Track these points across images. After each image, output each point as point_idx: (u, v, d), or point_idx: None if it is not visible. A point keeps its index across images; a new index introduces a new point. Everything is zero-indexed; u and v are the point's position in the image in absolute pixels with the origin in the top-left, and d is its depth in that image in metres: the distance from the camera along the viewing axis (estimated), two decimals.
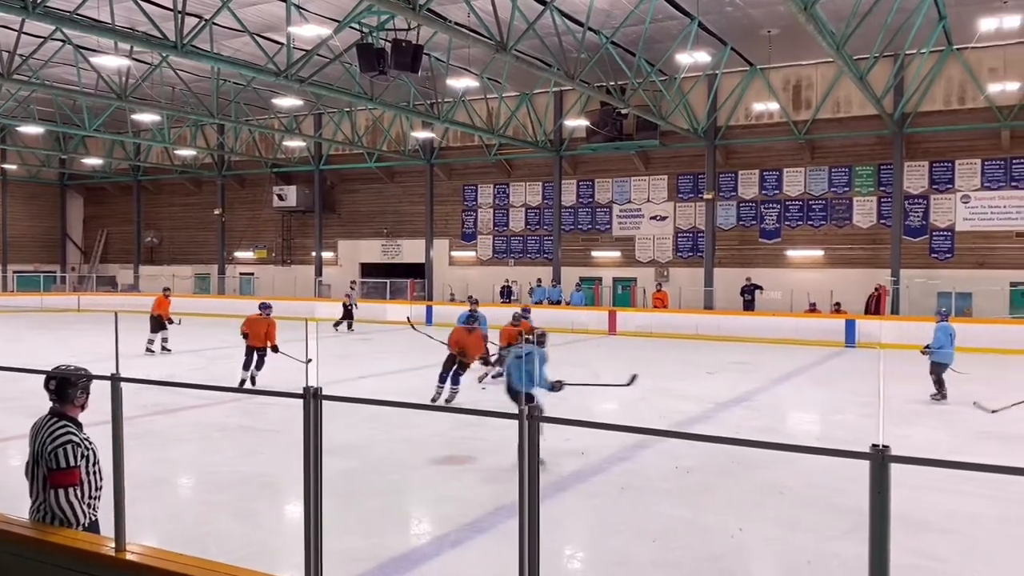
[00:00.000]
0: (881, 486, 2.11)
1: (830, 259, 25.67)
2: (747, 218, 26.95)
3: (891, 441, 2.16)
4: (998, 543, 6.16)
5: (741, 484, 7.68)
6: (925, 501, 6.90)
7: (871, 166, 25.04)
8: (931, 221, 24.32)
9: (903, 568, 5.41)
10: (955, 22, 20.75)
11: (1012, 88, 21.95)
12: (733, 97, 26.34)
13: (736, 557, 5.81)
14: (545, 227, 30.48)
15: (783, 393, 13.97)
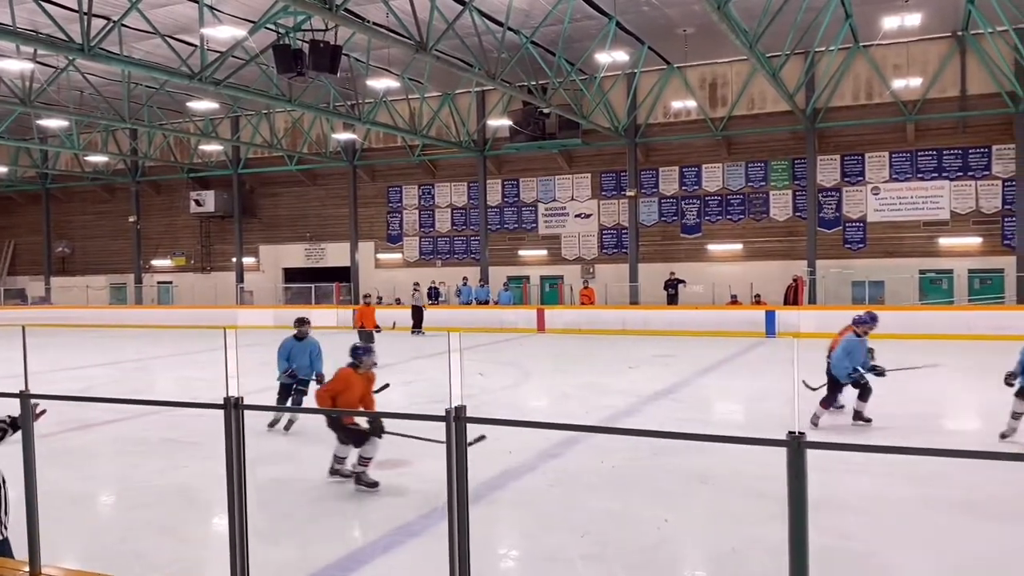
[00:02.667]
0: (798, 471, 2.18)
1: (749, 252, 26.36)
2: (669, 214, 27.46)
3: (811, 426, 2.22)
4: (912, 523, 6.41)
5: (668, 475, 7.82)
6: (846, 484, 7.15)
7: (786, 160, 25.81)
8: (844, 213, 25.21)
9: (824, 550, 5.59)
10: (861, 20, 21.54)
11: (915, 84, 22.92)
12: (652, 95, 26.80)
13: (664, 547, 5.91)
14: (471, 227, 30.48)
15: (708, 384, 14.27)
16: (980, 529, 6.19)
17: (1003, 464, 7.63)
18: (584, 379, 14.82)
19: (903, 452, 2.35)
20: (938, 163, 24.12)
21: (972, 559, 5.58)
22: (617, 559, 5.64)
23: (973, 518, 6.44)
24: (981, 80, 23.06)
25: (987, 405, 11.88)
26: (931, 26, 21.89)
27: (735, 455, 7.77)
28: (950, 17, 21.73)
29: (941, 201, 24.11)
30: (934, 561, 5.65)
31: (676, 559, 5.77)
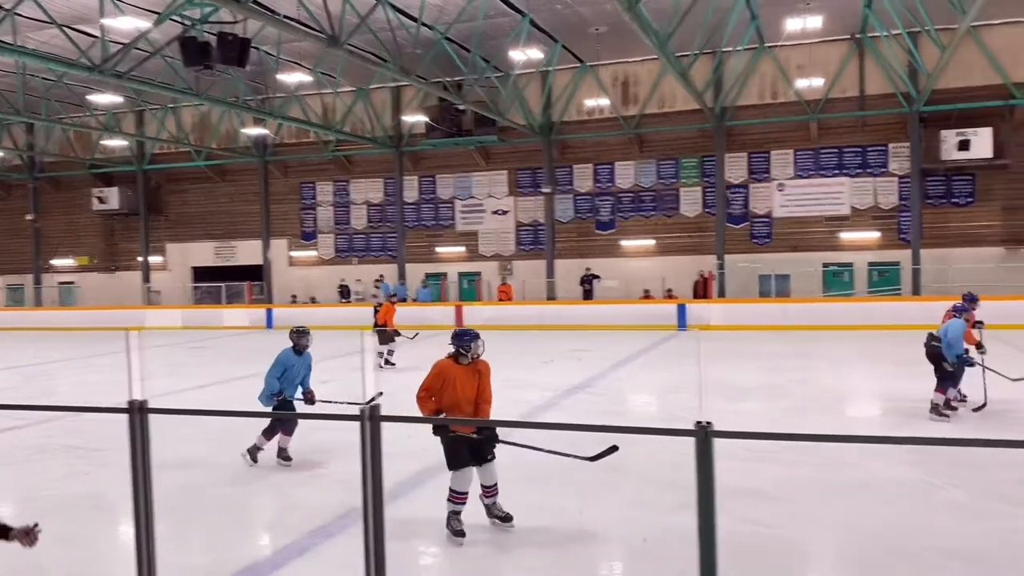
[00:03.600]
0: (705, 460, 2.24)
1: (661, 247, 26.92)
2: (584, 210, 27.80)
3: (724, 417, 2.29)
4: (820, 507, 6.67)
5: (584, 467, 7.91)
6: (758, 472, 7.39)
7: (695, 158, 26.45)
8: (751, 208, 26.00)
9: (738, 535, 5.77)
10: (766, 22, 22.23)
11: (817, 84, 23.84)
12: (566, 93, 27.08)
13: (580, 539, 5.99)
14: (388, 224, 30.21)
15: (622, 377, 14.52)
16: (880, 511, 6.48)
17: (901, 448, 8.02)
18: (502, 374, 14.84)
19: (809, 439, 2.44)
20: (839, 160, 25.12)
21: (871, 539, 5.84)
22: (535, 553, 5.69)
23: (873, 500, 6.74)
24: (878, 81, 24.11)
25: (886, 392, 12.47)
26: (832, 28, 22.75)
27: (649, 446, 7.94)
28: (849, 20, 22.63)
29: (842, 197, 25.11)
30: (840, 543, 5.89)
31: (592, 550, 5.86)
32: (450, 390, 6.08)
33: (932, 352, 10.09)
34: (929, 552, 5.51)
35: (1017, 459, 7.36)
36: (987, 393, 10.08)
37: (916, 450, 7.94)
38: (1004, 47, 22.80)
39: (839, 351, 17.20)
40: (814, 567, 5.51)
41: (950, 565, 5.27)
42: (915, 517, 6.29)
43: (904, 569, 5.28)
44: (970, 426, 9.44)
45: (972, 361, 9.84)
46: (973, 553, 5.45)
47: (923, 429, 9.36)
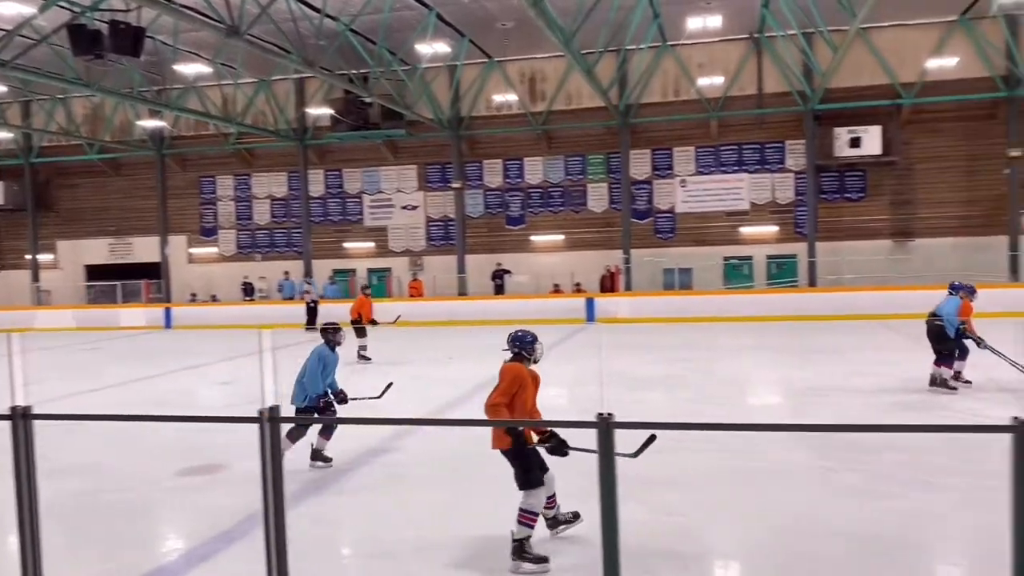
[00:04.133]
0: (607, 450, 2.27)
1: (570, 242, 27.24)
2: (494, 206, 27.86)
3: (628, 407, 2.31)
4: (723, 493, 6.85)
5: (497, 464, 7.93)
6: (664, 461, 7.54)
7: (602, 154, 26.85)
8: (655, 204, 26.57)
9: (646, 524, 5.88)
10: (668, 20, 22.72)
11: (717, 82, 24.54)
12: (474, 88, 27.06)
13: (496, 537, 6.00)
14: (293, 219, 29.58)
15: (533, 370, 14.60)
16: (780, 496, 6.72)
17: (798, 434, 8.34)
18: (413, 371, 14.78)
19: (703, 428, 2.49)
20: (739, 157, 25.92)
21: (772, 523, 6.05)
22: (450, 551, 5.67)
23: (773, 485, 6.97)
24: (775, 80, 24.97)
25: (784, 380, 12.94)
26: (731, 28, 23.43)
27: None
28: (747, 20, 23.35)
29: (741, 193, 25.93)
30: (743, 528, 6.07)
31: (505, 546, 5.87)
32: (522, 396, 5.59)
33: (933, 328, 10.94)
34: (827, 534, 5.74)
35: (904, 442, 7.75)
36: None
37: (813, 436, 8.27)
38: (892, 49, 23.95)
39: (740, 341, 17.76)
40: (719, 552, 5.67)
41: (847, 546, 5.49)
42: (813, 501, 6.54)
43: (804, 551, 5.48)
44: (857, 412, 9.88)
45: (968, 336, 10.72)
46: (868, 533, 5.70)
47: (818, 416, 9.75)
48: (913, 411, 9.70)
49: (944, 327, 10.72)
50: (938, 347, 10.88)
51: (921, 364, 13.38)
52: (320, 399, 7.90)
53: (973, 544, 5.52)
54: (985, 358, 11.07)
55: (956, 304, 10.86)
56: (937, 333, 10.85)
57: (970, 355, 11.00)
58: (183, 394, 13.23)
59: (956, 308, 10.80)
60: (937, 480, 6.83)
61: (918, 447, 7.61)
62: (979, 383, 11.12)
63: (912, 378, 12.01)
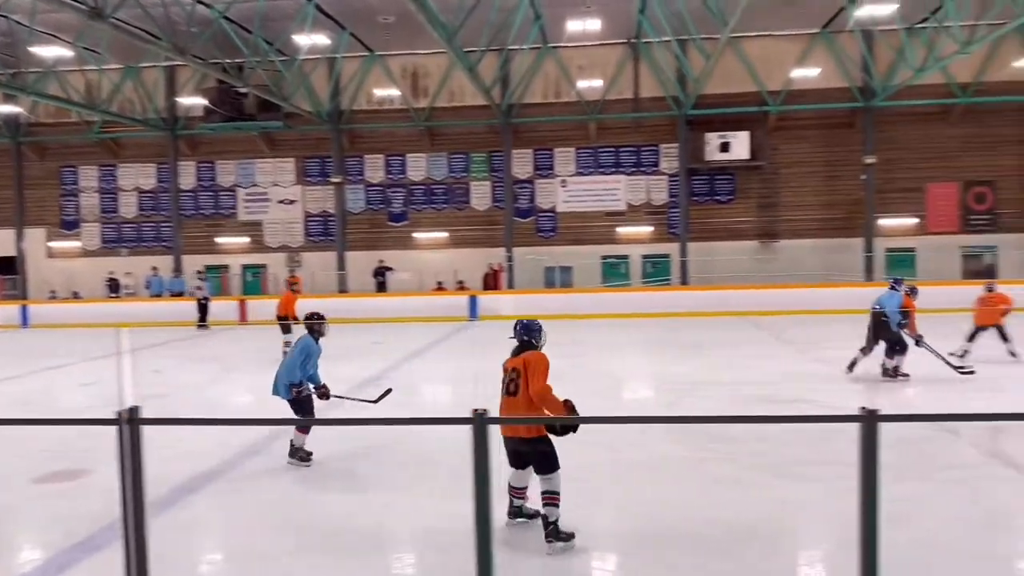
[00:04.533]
0: (481, 446, 2.27)
1: (453, 240, 27.23)
2: (375, 202, 27.52)
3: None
4: (603, 486, 7.00)
5: (383, 460, 7.84)
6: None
7: (484, 153, 26.97)
8: (537, 203, 26.91)
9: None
10: (549, 22, 23.04)
11: (596, 85, 25.08)
12: (355, 82, 26.65)
13: (377, 534, 5.92)
14: (162, 212, 28.31)
15: (416, 368, 14.52)
16: (658, 487, 6.92)
17: (674, 426, 8.63)
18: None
19: (585, 421, 2.53)
20: (616, 159, 26.58)
21: (650, 513, 6.22)
22: (325, 551, 5.56)
23: (652, 476, 7.18)
24: (651, 85, 25.74)
25: (660, 374, 13.35)
26: (609, 32, 23.98)
27: (440, 435, 7.98)
28: (625, 25, 23.95)
29: (619, 194, 26.61)
30: (623, 519, 6.22)
31: (383, 542, 5.81)
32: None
33: (876, 322, 11.43)
34: (700, 523, 5.95)
35: (771, 432, 8.14)
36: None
37: (688, 428, 8.56)
38: (760, 58, 25.11)
39: (618, 337, 18.21)
40: (595, 544, 5.78)
41: (716, 534, 5.71)
42: (688, 490, 6.77)
43: (678, 541, 5.66)
44: (728, 404, 10.30)
45: (906, 329, 11.30)
46: (739, 522, 5.94)
47: (693, 409, 10.10)
48: (778, 403, 10.19)
49: (888, 321, 11.28)
50: (881, 340, 11.45)
51: (785, 359, 14.10)
52: (293, 388, 7.61)
53: (834, 528, 5.84)
54: (850, 352, 11.78)
55: (898, 299, 11.42)
56: (879, 326, 11.43)
57: (879, 349, 11.57)
58: (42, 395, 12.44)
59: (898, 303, 11.36)
60: (799, 469, 7.19)
61: (784, 438, 8.01)
62: (834, 376, 11.81)
63: (777, 371, 12.64)
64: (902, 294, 11.57)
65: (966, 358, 12.20)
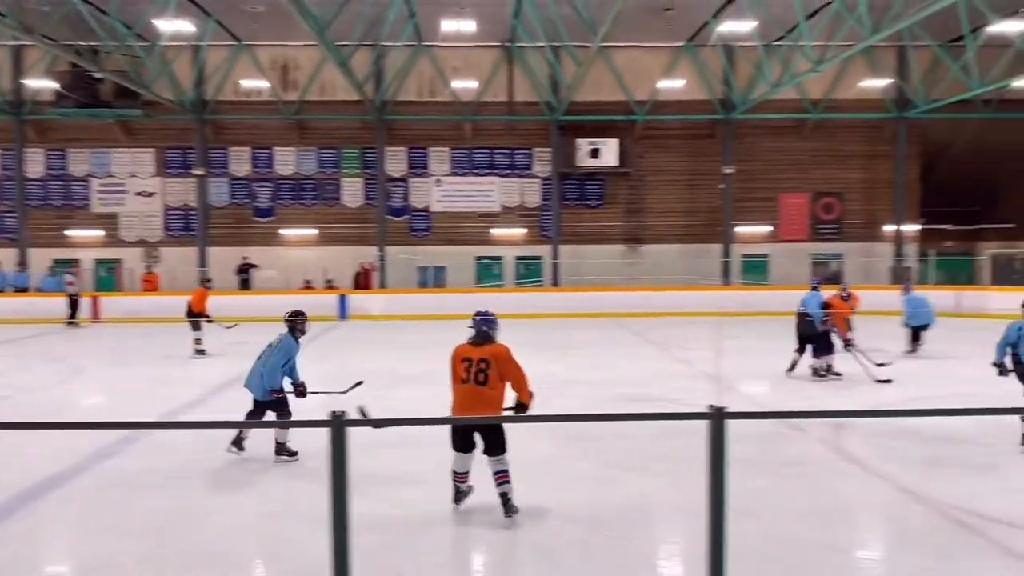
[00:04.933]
0: (338, 448, 2.23)
1: (323, 237, 26.67)
2: (241, 196, 26.60)
3: (381, 404, 2.27)
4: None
5: (232, 465, 7.58)
6: (411, 456, 7.59)
7: (357, 149, 26.56)
8: (411, 202, 26.74)
9: (381, 517, 5.89)
10: (425, 21, 22.93)
11: (471, 86, 25.16)
12: (221, 71, 25.67)
13: (221, 540, 5.72)
14: (6, 202, 26.33)
15: None
16: (518, 486, 7.00)
17: (540, 425, 8.76)
18: (145, 371, 13.73)
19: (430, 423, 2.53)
20: (491, 161, 26.77)
21: (519, 513, 6.28)
22: (179, 558, 5.32)
23: (521, 477, 7.25)
24: (525, 89, 26.07)
25: (530, 374, 13.51)
26: (484, 34, 24.13)
27: (301, 438, 7.81)
28: (500, 28, 24.15)
29: (493, 195, 26.81)
30: (483, 519, 6.26)
31: (233, 550, 5.61)
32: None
33: (801, 323, 12.03)
34: (558, 520, 6.06)
35: (630, 430, 8.40)
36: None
37: (553, 426, 8.72)
38: (628, 68, 25.89)
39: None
40: (463, 542, 5.79)
41: (574, 530, 5.84)
42: (550, 488, 6.88)
43: (537, 538, 5.75)
44: (592, 403, 10.56)
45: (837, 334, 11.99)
46: (597, 517, 6.09)
47: (560, 408, 10.29)
48: (641, 402, 10.53)
49: (813, 322, 11.91)
50: (808, 340, 12.04)
51: (650, 359, 14.58)
52: (273, 392, 7.58)
53: (686, 521, 6.08)
54: (707, 352, 12.30)
55: (818, 299, 12.13)
56: (803, 326, 12.06)
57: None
58: None
59: (818, 303, 12.06)
60: (655, 465, 7.45)
61: (643, 435, 8.28)
62: (694, 374, 12.32)
63: (642, 371, 13.06)
64: (822, 294, 12.32)
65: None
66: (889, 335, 15.15)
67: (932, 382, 12.12)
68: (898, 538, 5.95)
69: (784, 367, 12.29)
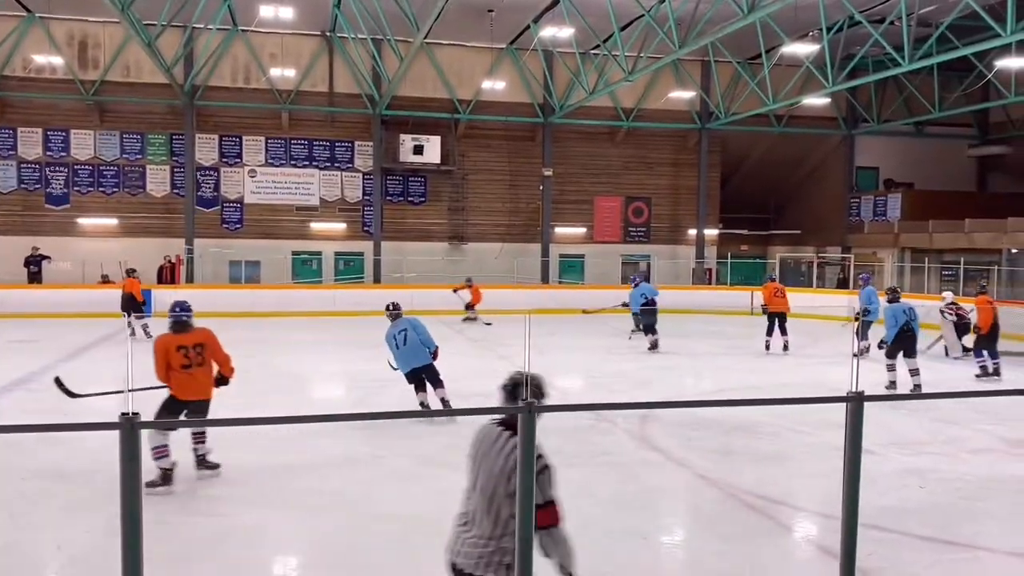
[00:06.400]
0: (130, 452, 2.08)
1: (125, 228, 24.90)
2: (31, 181, 24.34)
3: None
4: (275, 489, 6.80)
5: (13, 474, 6.92)
6: (221, 460, 7.25)
7: (164, 135, 25.01)
8: (222, 193, 25.51)
9: (200, 527, 5.60)
10: (240, 4, 21.90)
11: (290, 74, 24.34)
12: (8, 44, 23.35)
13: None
14: None
15: (73, 369, 13.02)
16: (332, 485, 6.86)
17: (362, 426, 8.62)
18: None
19: (255, 423, 2.42)
20: (310, 152, 26.04)
21: (321, 512, 6.15)
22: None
23: (328, 475, 7.10)
24: (347, 80, 25.56)
25: (348, 373, 13.30)
26: (304, 22, 23.41)
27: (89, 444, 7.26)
28: (320, 17, 23.52)
29: (312, 188, 26.09)
30: (296, 521, 6.08)
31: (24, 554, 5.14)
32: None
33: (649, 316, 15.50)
34: (371, 519, 6.00)
35: (450, 426, 8.45)
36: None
37: (369, 426, 8.61)
38: (452, 66, 26.02)
39: (306, 336, 17.86)
40: (276, 543, 5.60)
41: (388, 528, 5.80)
42: (366, 486, 6.80)
43: (357, 540, 5.66)
44: (411, 400, 10.54)
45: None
46: (410, 513, 6.08)
47: (382, 405, 10.19)
48: (463, 398, 10.61)
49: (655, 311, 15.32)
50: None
51: (470, 356, 14.77)
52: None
53: None
54: (514, 349, 12.53)
55: (643, 291, 15.97)
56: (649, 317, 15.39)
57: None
58: None
59: (640, 294, 15.89)
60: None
61: (462, 431, 8.34)
62: (508, 370, 12.56)
63: (462, 367, 13.16)
64: (648, 286, 16.35)
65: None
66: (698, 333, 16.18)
67: (729, 375, 13.05)
68: (695, 522, 6.36)
69: (593, 361, 12.77)
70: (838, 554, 2.90)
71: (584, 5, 20.20)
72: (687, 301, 23.72)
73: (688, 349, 15.98)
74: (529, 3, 21.76)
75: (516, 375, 3.30)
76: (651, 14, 18.42)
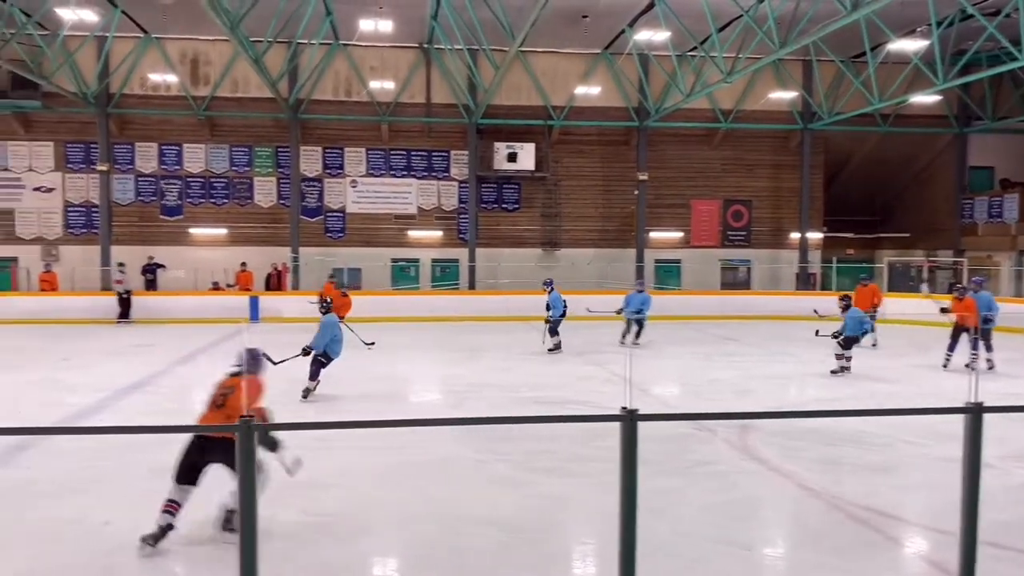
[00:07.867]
0: (247, 454, 2.18)
1: (233, 237, 25.98)
2: (147, 193, 25.69)
3: (291, 408, 2.22)
4: (379, 491, 6.95)
5: (133, 472, 7.30)
6: (320, 462, 7.46)
7: (270, 147, 25.99)
8: (325, 203, 26.31)
9: (297, 525, 5.78)
10: (341, 19, 22.59)
11: (389, 87, 24.93)
12: (127, 64, 24.74)
13: (124, 551, 5.51)
14: None
15: (187, 373, 13.68)
16: (437, 489, 6.97)
17: (463, 429, 8.74)
18: (41, 375, 13.10)
19: (352, 426, 2.49)
20: (408, 162, 26.58)
21: (427, 515, 6.25)
22: (77, 569, 5.10)
23: (438, 481, 7.21)
24: (443, 91, 25.99)
25: (445, 376, 13.49)
26: (402, 35, 23.95)
27: None
28: (418, 29, 24.01)
29: (410, 197, 26.62)
30: (399, 522, 6.20)
31: (131, 561, 5.41)
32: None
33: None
34: (474, 522, 6.06)
35: (544, 432, 8.47)
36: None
37: (470, 429, 8.71)
38: (546, 73, 26.12)
39: (405, 340, 18.21)
40: (377, 549, 5.72)
41: (489, 532, 5.85)
42: (466, 490, 6.88)
43: (456, 541, 5.73)
44: (506, 405, 10.61)
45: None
46: (510, 519, 6.12)
47: (475, 410, 10.30)
48: (552, 405, 10.63)
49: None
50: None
51: (561, 362, 14.76)
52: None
53: (600, 520, 6.17)
54: (610, 355, 12.48)
55: (641, 299, 17.47)
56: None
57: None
58: None
59: (643, 302, 17.44)
60: (569, 466, 7.54)
61: (557, 437, 8.35)
62: (606, 378, 12.50)
63: (553, 374, 13.19)
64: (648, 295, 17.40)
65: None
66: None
67: (836, 384, 12.63)
68: (798, 534, 6.17)
69: (695, 369, 12.58)
70: (952, 571, 2.77)
71: (680, 7, 19.94)
72: (790, 307, 23.11)
73: (794, 356, 15.58)
74: (624, 8, 21.65)
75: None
76: (750, 14, 18.04)
